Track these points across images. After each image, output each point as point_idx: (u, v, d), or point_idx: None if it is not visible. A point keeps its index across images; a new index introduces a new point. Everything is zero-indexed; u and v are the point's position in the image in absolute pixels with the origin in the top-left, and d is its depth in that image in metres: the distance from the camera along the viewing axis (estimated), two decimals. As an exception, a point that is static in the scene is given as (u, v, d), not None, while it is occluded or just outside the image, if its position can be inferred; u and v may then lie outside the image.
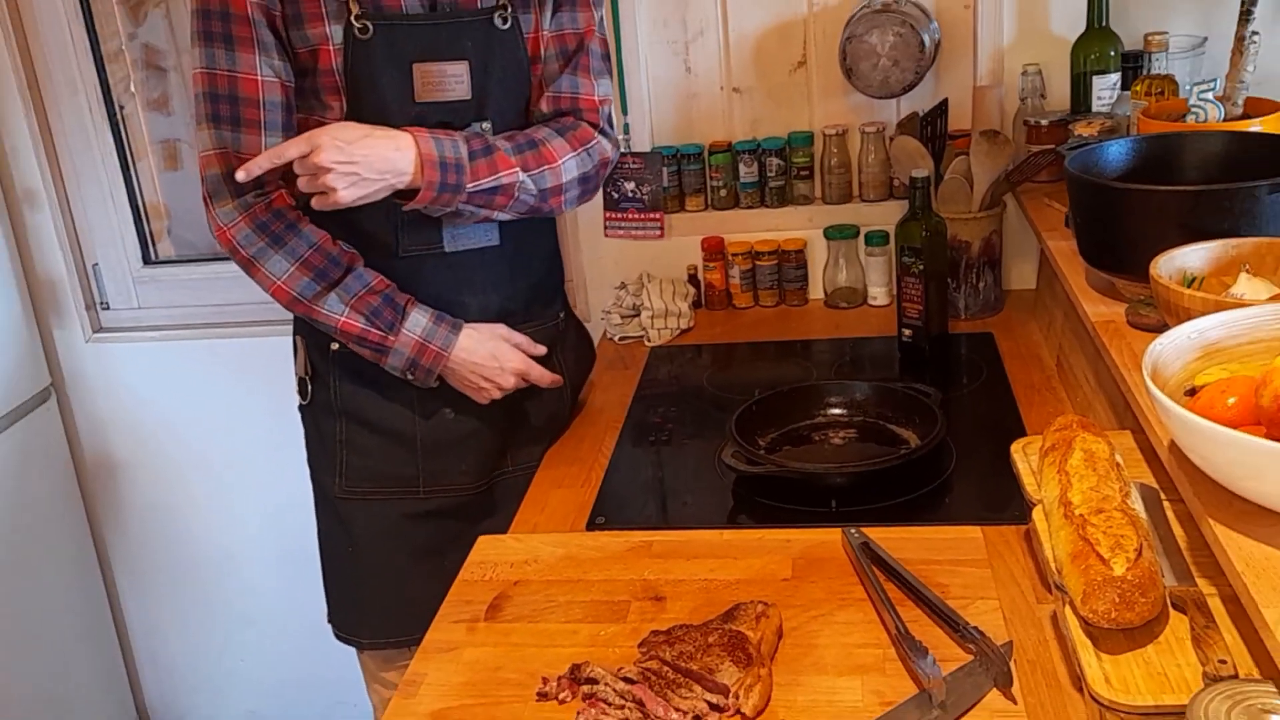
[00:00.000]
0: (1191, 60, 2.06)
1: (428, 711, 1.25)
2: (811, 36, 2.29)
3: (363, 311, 1.60)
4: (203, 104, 1.58)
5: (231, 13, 1.53)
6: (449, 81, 1.63)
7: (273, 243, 1.59)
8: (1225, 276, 1.38)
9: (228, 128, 1.57)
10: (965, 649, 1.25)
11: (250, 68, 1.56)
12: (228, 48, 1.55)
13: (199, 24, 1.56)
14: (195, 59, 1.58)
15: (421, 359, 1.64)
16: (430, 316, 1.65)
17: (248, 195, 1.58)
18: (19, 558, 2.59)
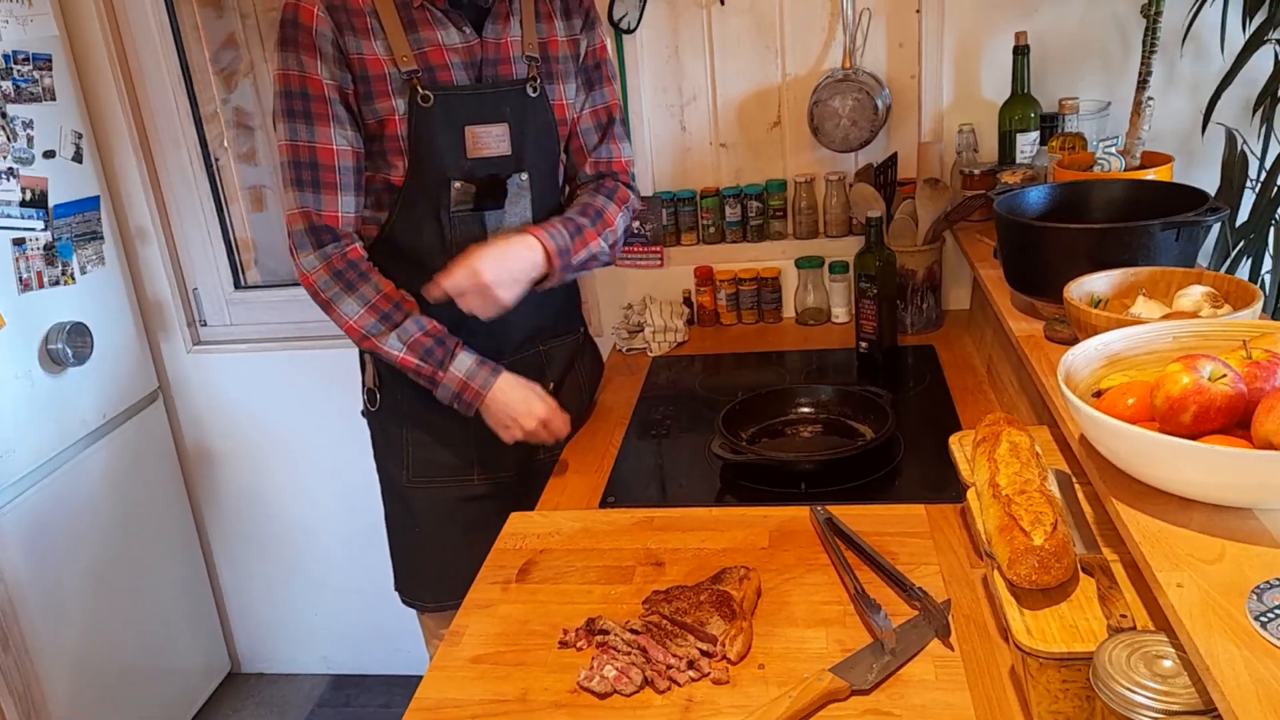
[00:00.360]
0: (1097, 120, 2.06)
1: (469, 657, 1.25)
2: (785, 101, 2.29)
3: (417, 351, 1.60)
4: (288, 171, 1.58)
5: (310, 93, 1.54)
6: (493, 140, 1.64)
7: (346, 288, 1.59)
8: (1125, 299, 1.39)
9: (310, 190, 1.57)
10: (911, 606, 1.25)
11: (327, 139, 1.56)
12: (308, 123, 1.55)
13: (282, 102, 1.56)
14: (280, 133, 1.58)
15: (464, 395, 1.62)
16: (474, 360, 1.63)
17: (327, 247, 1.59)
18: (133, 532, 2.60)
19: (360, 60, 1.55)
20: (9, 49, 2.24)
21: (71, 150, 2.42)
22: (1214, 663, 0.78)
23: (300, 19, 1.53)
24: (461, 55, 1.61)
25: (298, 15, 1.53)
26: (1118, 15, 2.10)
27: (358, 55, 1.55)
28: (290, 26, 1.53)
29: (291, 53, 1.54)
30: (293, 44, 1.53)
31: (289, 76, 1.55)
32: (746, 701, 1.12)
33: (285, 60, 1.55)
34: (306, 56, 1.53)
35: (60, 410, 2.37)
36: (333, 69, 1.55)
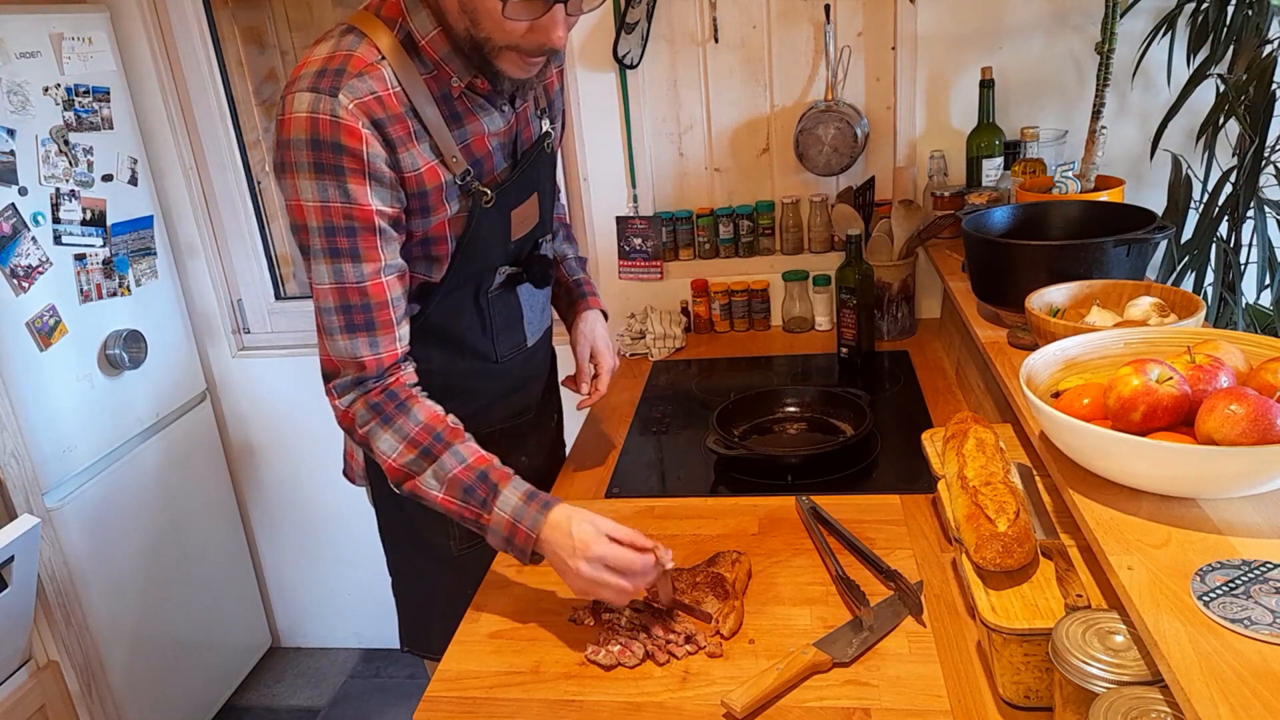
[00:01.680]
0: (1056, 147, 2.06)
1: (488, 632, 1.25)
2: (773, 130, 2.29)
3: (456, 492, 1.22)
4: (335, 316, 1.22)
5: (358, 227, 1.18)
6: (530, 215, 1.41)
7: (383, 422, 1.23)
8: (1081, 309, 1.39)
9: (363, 334, 1.22)
10: (887, 586, 1.25)
11: (377, 273, 1.21)
12: (355, 260, 1.19)
13: (322, 241, 1.18)
14: (318, 274, 1.21)
15: (515, 540, 1.20)
16: (522, 494, 1.21)
17: (369, 382, 1.25)
18: (183, 519, 2.60)
19: (417, 177, 1.22)
20: (71, 83, 2.25)
21: (128, 174, 2.43)
22: (1161, 638, 0.78)
23: (345, 142, 1.14)
24: (502, 137, 1.33)
25: (339, 137, 1.13)
26: (1074, 52, 2.10)
27: (414, 172, 1.21)
28: (330, 150, 1.14)
29: (332, 181, 1.15)
30: (334, 172, 1.15)
31: (330, 210, 1.16)
32: (738, 673, 1.12)
33: (323, 191, 1.16)
34: (355, 184, 1.16)
35: (117, 410, 2.38)
36: (387, 192, 1.20)
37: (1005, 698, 1.02)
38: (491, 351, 1.46)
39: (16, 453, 2.06)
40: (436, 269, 1.33)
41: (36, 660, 2.14)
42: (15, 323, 2.09)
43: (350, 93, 1.14)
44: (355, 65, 1.16)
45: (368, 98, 1.15)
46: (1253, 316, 1.99)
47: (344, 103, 1.13)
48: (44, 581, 2.12)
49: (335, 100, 1.13)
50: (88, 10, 2.33)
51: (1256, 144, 1.85)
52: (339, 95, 1.13)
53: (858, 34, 2.17)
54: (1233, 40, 1.88)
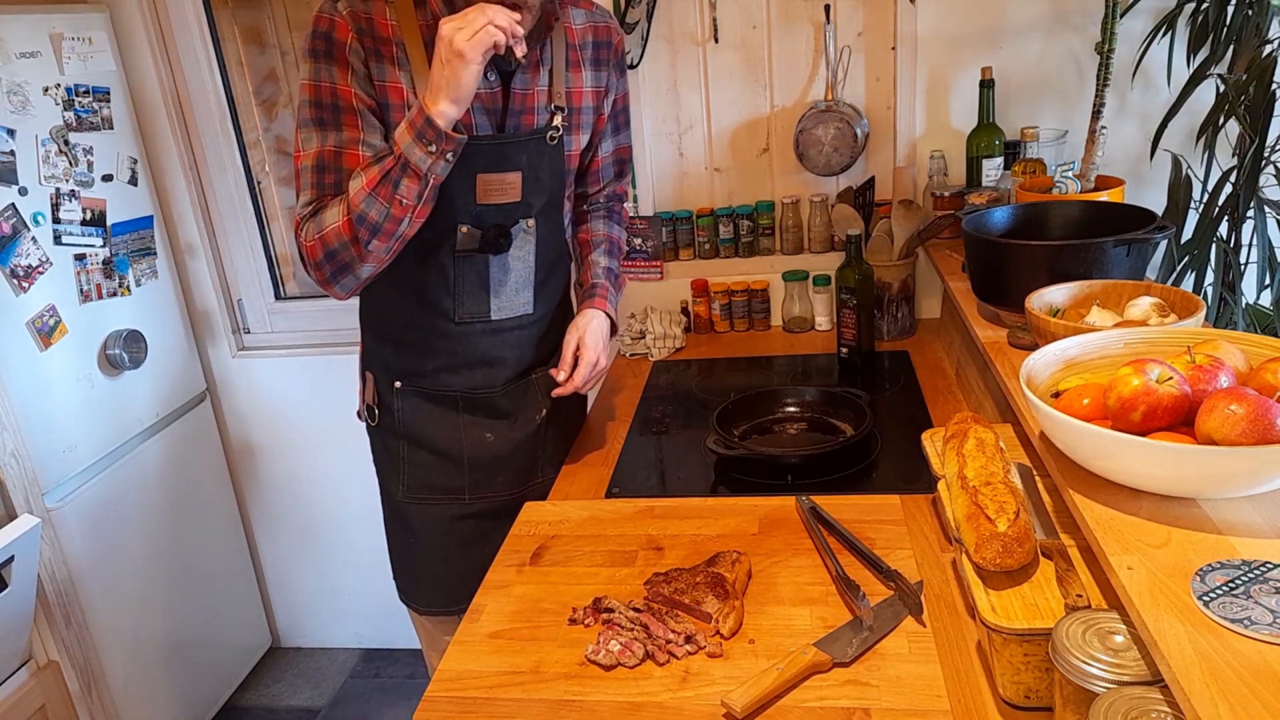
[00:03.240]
0: (1056, 147, 2.06)
1: (488, 632, 1.25)
2: (773, 130, 2.29)
3: (372, 164, 1.37)
4: (309, 174, 1.42)
5: (341, 104, 1.40)
6: (505, 188, 1.50)
7: (325, 207, 1.40)
8: (1081, 309, 1.39)
9: (332, 191, 1.41)
10: (887, 586, 1.25)
11: (355, 145, 1.41)
12: (338, 129, 1.40)
13: (312, 112, 1.41)
14: (304, 139, 1.42)
15: (415, 122, 1.33)
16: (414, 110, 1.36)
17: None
18: (183, 519, 2.60)
19: (383, 87, 1.42)
20: (72, 83, 2.25)
21: (128, 174, 2.43)
22: (1161, 638, 0.78)
23: (334, 34, 1.39)
24: (484, 101, 1.47)
25: (332, 30, 1.39)
26: (1074, 52, 2.10)
27: (381, 82, 1.41)
28: (323, 39, 1.39)
29: (324, 64, 1.39)
30: (325, 56, 1.39)
31: (320, 87, 1.40)
32: (738, 673, 1.12)
33: (316, 71, 1.40)
34: (339, 70, 1.39)
35: (118, 409, 2.37)
36: (363, 85, 1.41)
37: (1005, 698, 1.02)
38: (451, 309, 1.55)
39: (17, 452, 2.06)
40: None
41: (36, 660, 2.14)
42: (15, 322, 2.09)
43: (349, 3, 1.40)
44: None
45: (359, 10, 1.40)
46: (1253, 316, 1.99)
47: (340, 9, 1.40)
48: (44, 581, 2.12)
49: (334, 6, 1.40)
50: (88, 10, 2.33)
51: (1256, 144, 1.85)
52: (338, 3, 1.40)
53: (858, 34, 2.17)
54: (1233, 40, 1.88)
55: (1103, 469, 1.01)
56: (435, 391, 1.62)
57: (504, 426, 1.67)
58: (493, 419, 1.66)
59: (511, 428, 1.67)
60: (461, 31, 1.28)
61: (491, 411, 1.66)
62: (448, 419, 1.64)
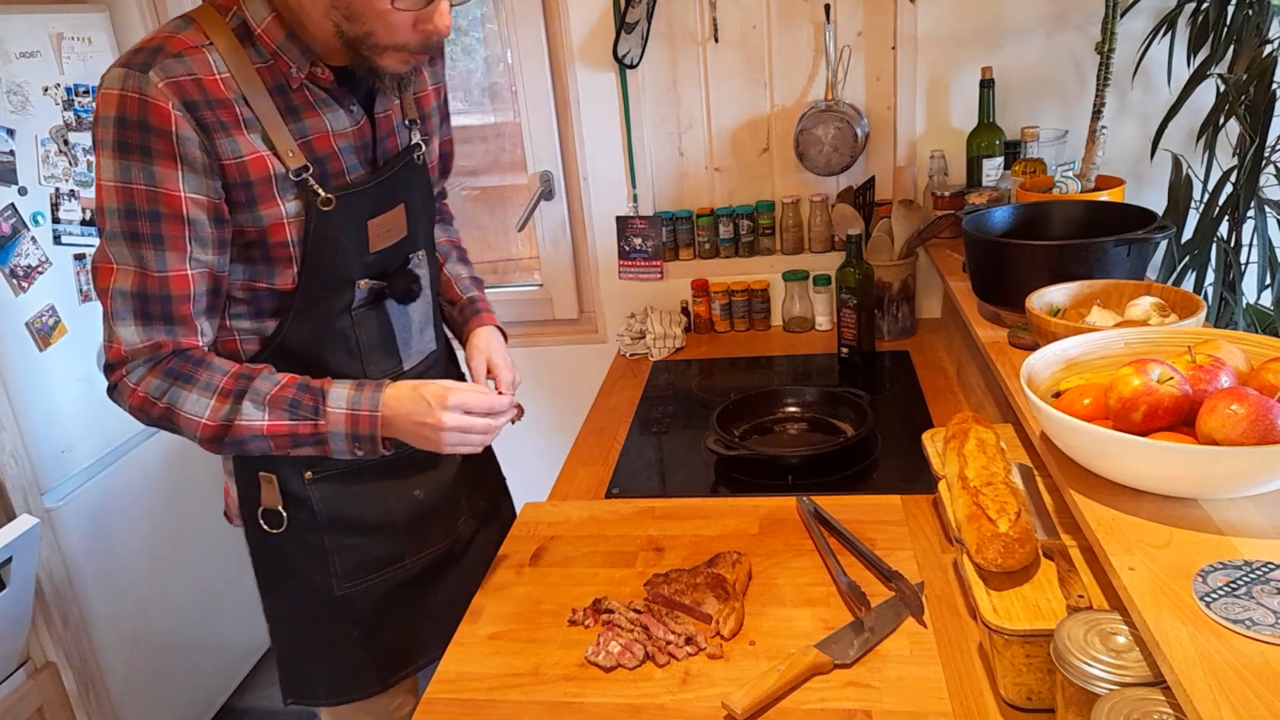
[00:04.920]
0: (1056, 147, 2.06)
1: (487, 634, 1.25)
2: (773, 129, 2.29)
3: (282, 408, 1.16)
4: (129, 301, 1.12)
5: (163, 212, 1.09)
6: (393, 227, 1.30)
7: (185, 382, 1.15)
8: (1082, 309, 1.38)
9: (160, 324, 1.14)
10: (888, 587, 1.25)
11: (181, 265, 1.12)
12: (157, 248, 1.10)
13: (122, 223, 1.09)
14: (114, 255, 1.11)
15: (359, 429, 1.17)
16: (351, 386, 1.19)
17: (162, 356, 1.15)
18: (181, 521, 2.60)
19: (239, 165, 1.12)
20: (71, 82, 2.25)
21: (127, 174, 2.42)
22: (1163, 638, 0.78)
23: (152, 120, 1.05)
24: (352, 139, 1.23)
25: (146, 115, 1.05)
26: (1074, 52, 2.10)
27: (234, 159, 1.11)
28: (136, 129, 1.06)
29: (138, 162, 1.07)
30: (140, 152, 1.07)
31: (133, 191, 1.08)
32: (739, 674, 1.11)
33: (127, 171, 1.07)
34: (162, 167, 1.07)
35: (117, 410, 2.35)
36: (201, 180, 1.10)
37: (1007, 699, 1.02)
38: (361, 373, 1.30)
39: (15, 453, 2.06)
40: (282, 273, 1.20)
41: (34, 661, 2.13)
42: (15, 323, 2.09)
43: (163, 71, 1.06)
44: (174, 45, 1.09)
45: (183, 78, 1.07)
46: (1253, 316, 1.99)
47: (154, 80, 1.06)
48: (43, 582, 2.12)
49: (144, 77, 1.06)
50: (87, 10, 2.33)
51: (1256, 144, 1.85)
52: (149, 73, 1.06)
53: (858, 34, 2.17)
54: (1233, 40, 1.88)
55: (1104, 469, 1.01)
56: (354, 467, 1.34)
57: (429, 477, 1.44)
58: (418, 473, 1.43)
59: (436, 476, 1.46)
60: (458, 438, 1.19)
61: (415, 467, 1.41)
62: (373, 491, 1.38)
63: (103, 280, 1.12)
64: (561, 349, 2.57)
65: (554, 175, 2.48)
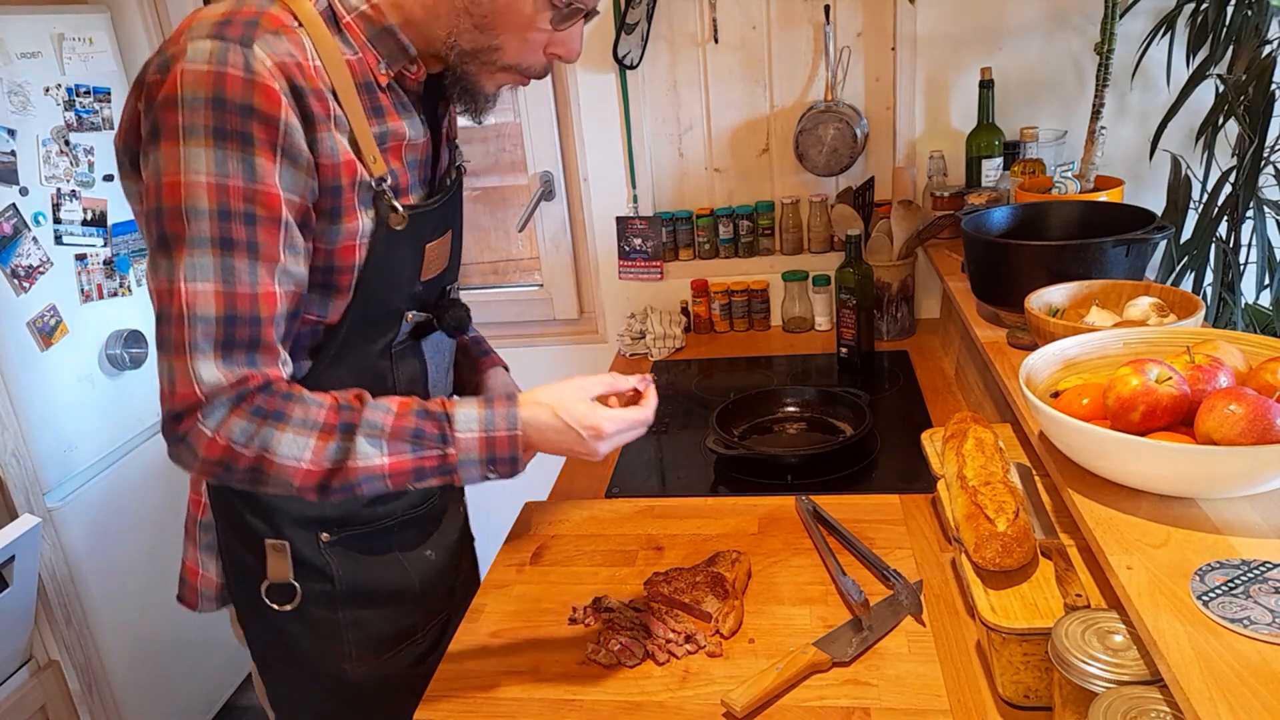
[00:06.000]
0: (1055, 148, 2.06)
1: (488, 632, 1.25)
2: (773, 130, 2.29)
3: (404, 440, 0.97)
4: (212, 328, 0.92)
5: (260, 214, 0.92)
6: (442, 255, 1.18)
7: (277, 420, 0.94)
8: (1081, 309, 1.39)
9: (241, 353, 0.94)
10: (887, 586, 1.25)
11: (270, 281, 0.94)
12: (251, 257, 0.92)
13: (211, 226, 0.90)
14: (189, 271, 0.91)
15: (497, 451, 1.00)
16: (478, 404, 1.02)
17: (246, 392, 0.94)
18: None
19: (334, 166, 0.97)
20: (72, 83, 2.25)
21: (129, 174, 2.42)
22: (1160, 637, 0.78)
23: (258, 103, 0.89)
24: (418, 153, 1.10)
25: (252, 97, 0.89)
26: (1073, 52, 2.10)
27: (330, 160, 0.97)
28: (238, 113, 0.89)
29: (237, 152, 0.90)
30: (240, 140, 0.90)
31: (228, 189, 0.90)
32: (738, 672, 1.12)
33: (223, 164, 0.89)
34: (263, 159, 0.91)
35: (118, 410, 2.37)
36: (300, 178, 0.95)
37: (1005, 697, 1.02)
38: (391, 389, 1.16)
39: (17, 452, 2.06)
40: (335, 303, 1.05)
41: (37, 660, 2.14)
42: (16, 323, 2.09)
43: (267, 47, 0.91)
44: (270, 22, 0.93)
45: (286, 59, 0.92)
46: (1252, 316, 1.99)
47: (260, 56, 0.90)
48: (45, 581, 2.12)
49: (249, 52, 0.89)
50: (88, 11, 2.33)
51: (1256, 144, 1.85)
52: (253, 47, 0.90)
53: (857, 34, 2.17)
54: (1232, 40, 1.88)
55: (1102, 469, 1.01)
56: (370, 529, 1.21)
57: (438, 535, 1.32)
58: (429, 534, 1.30)
59: (443, 533, 1.33)
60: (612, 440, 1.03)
61: (425, 528, 1.30)
62: (387, 558, 1.24)
63: (173, 303, 0.91)
64: (561, 349, 2.57)
65: (554, 176, 2.48)
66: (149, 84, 0.92)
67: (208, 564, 1.20)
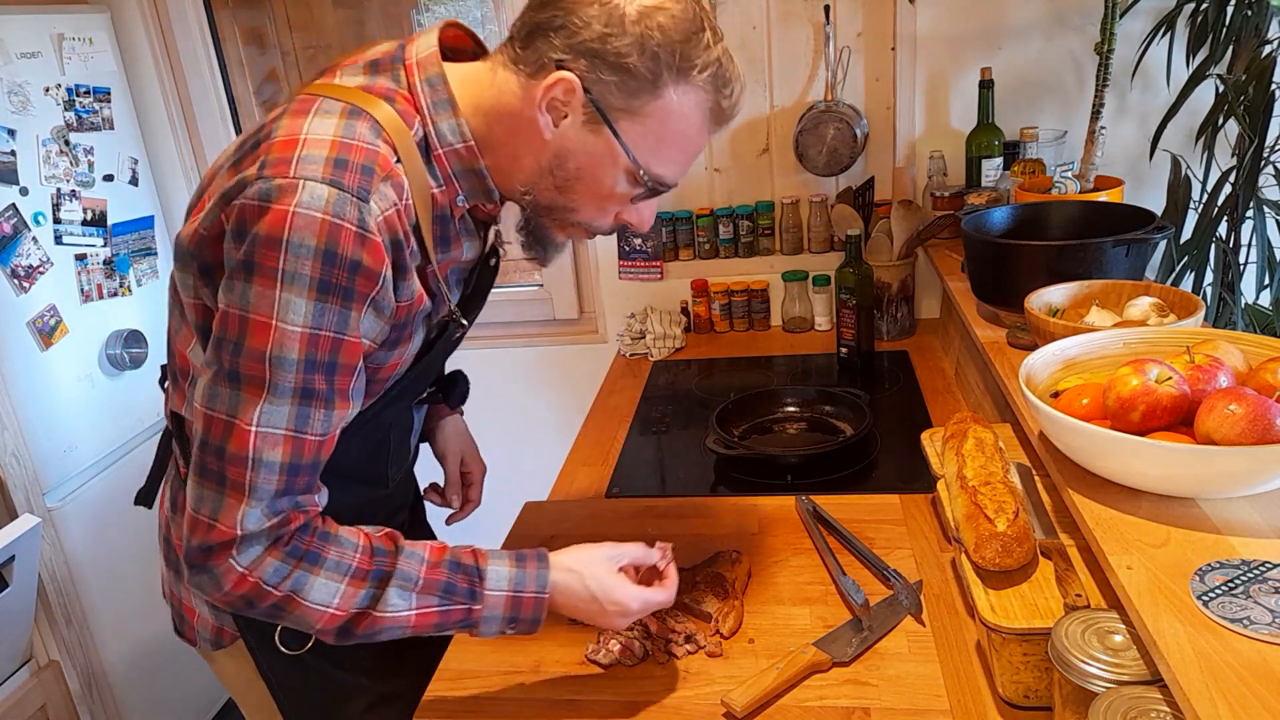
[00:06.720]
0: (1055, 148, 2.06)
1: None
2: (773, 130, 2.29)
3: (434, 594, 0.97)
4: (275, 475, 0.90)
5: (341, 363, 0.91)
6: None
7: (312, 563, 0.93)
8: (1081, 309, 1.39)
9: (299, 494, 0.93)
10: (887, 586, 1.25)
11: (333, 426, 0.94)
12: (327, 406, 0.92)
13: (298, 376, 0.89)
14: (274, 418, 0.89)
15: (521, 611, 1.01)
16: (509, 561, 1.02)
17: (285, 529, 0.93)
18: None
19: (408, 307, 0.98)
20: (72, 83, 2.25)
21: (128, 174, 2.43)
22: (1160, 637, 0.78)
23: (368, 263, 0.88)
24: (467, 265, 1.11)
25: (363, 256, 0.88)
26: (1073, 53, 2.10)
27: (406, 302, 0.97)
28: (347, 269, 0.87)
29: (336, 307, 0.88)
30: (342, 296, 0.88)
31: (319, 340, 0.88)
32: (738, 672, 1.12)
33: (320, 316, 0.88)
34: (355, 312, 0.90)
35: (119, 410, 2.37)
36: (377, 324, 0.95)
37: (1005, 697, 1.02)
38: (384, 477, 1.18)
39: (17, 452, 2.06)
40: (365, 404, 1.04)
41: (37, 660, 2.14)
42: (16, 323, 2.09)
43: (381, 200, 0.90)
44: (382, 167, 0.91)
45: (390, 212, 0.91)
46: (1252, 316, 1.99)
47: (374, 212, 0.89)
48: (45, 581, 2.12)
49: (365, 207, 0.88)
50: (88, 11, 2.33)
51: (1256, 144, 1.85)
52: (369, 201, 0.88)
53: (857, 34, 2.17)
54: (1232, 40, 1.88)
55: (1102, 469, 1.01)
56: None
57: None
58: None
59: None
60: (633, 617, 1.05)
61: None
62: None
63: (236, 445, 0.88)
64: (561, 349, 2.57)
65: (554, 175, 2.48)
66: (245, 208, 0.87)
67: (201, 606, 1.17)
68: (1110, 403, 1.01)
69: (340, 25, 2.55)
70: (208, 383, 0.90)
